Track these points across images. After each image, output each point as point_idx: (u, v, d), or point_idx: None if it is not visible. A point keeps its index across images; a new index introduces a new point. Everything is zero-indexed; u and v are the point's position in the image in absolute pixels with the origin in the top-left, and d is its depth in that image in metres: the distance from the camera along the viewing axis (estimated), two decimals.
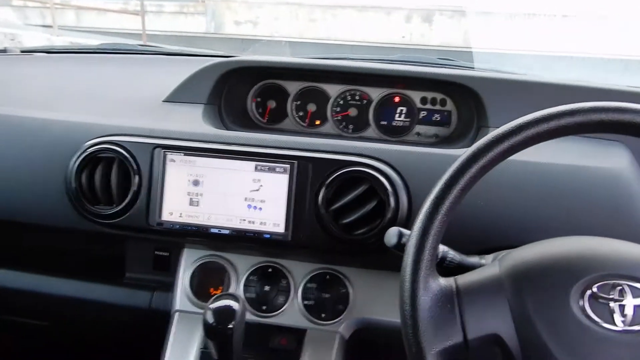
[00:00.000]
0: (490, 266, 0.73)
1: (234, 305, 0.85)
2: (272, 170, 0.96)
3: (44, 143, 1.06)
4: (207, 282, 1.05)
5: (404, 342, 0.66)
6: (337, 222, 0.95)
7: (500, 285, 0.68)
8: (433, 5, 8.12)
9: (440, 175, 0.94)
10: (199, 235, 0.98)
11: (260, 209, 0.97)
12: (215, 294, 1.01)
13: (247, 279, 1.03)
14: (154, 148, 1.00)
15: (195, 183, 0.98)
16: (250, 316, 1.00)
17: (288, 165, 0.96)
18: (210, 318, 0.84)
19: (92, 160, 1.02)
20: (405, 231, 0.81)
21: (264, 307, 1.02)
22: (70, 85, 1.25)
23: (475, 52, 1.43)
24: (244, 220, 0.97)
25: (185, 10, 9.27)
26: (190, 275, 1.05)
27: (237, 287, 1.04)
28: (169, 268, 1.10)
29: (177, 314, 1.05)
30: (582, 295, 0.64)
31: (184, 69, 1.41)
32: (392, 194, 0.93)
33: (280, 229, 0.96)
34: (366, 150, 0.97)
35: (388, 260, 0.95)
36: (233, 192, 0.97)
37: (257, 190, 0.97)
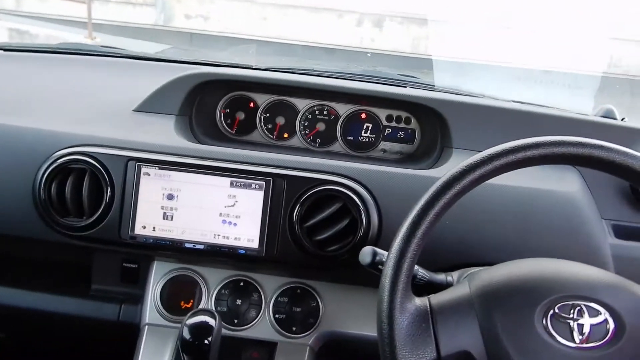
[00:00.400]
0: (461, 286, 0.78)
1: (211, 321, 0.87)
2: (247, 186, 0.98)
3: (10, 151, 1.04)
4: (177, 295, 1.05)
5: (381, 358, 0.71)
6: (311, 238, 0.98)
7: (471, 304, 0.73)
8: (384, 11, 8.26)
9: (409, 194, 0.99)
10: (172, 249, 0.99)
11: (235, 224, 0.98)
12: (186, 307, 1.02)
13: (219, 293, 1.05)
14: (128, 161, 0.99)
15: (170, 197, 0.99)
16: (222, 330, 1.02)
17: (264, 182, 0.98)
18: (187, 334, 0.85)
19: (62, 171, 1.01)
20: (380, 251, 0.85)
21: (236, 321, 1.03)
22: (34, 88, 1.22)
23: (435, 60, 1.50)
24: (219, 235, 0.98)
25: (134, 1, 9.01)
26: (160, 288, 1.05)
27: (209, 300, 1.05)
28: (138, 280, 1.10)
29: (146, 327, 1.05)
30: (545, 315, 0.70)
31: (150, 75, 1.41)
32: (364, 212, 0.97)
33: (255, 244, 0.98)
34: (340, 169, 1.00)
35: (358, 275, 0.99)
36: (208, 207, 0.98)
37: (232, 205, 0.98)
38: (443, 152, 1.16)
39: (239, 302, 1.04)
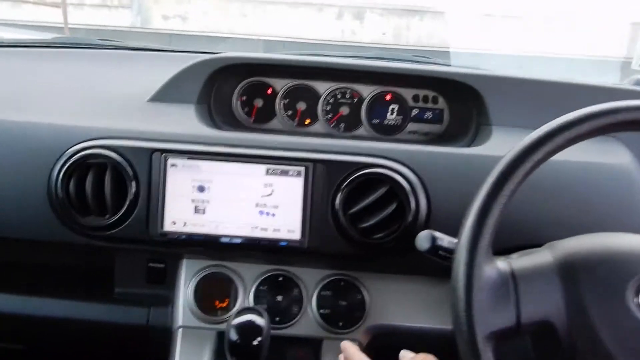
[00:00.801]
0: (540, 253, 0.72)
1: (259, 319, 0.80)
2: (285, 173, 0.91)
3: (21, 149, 0.95)
4: (212, 294, 0.98)
5: (454, 325, 0.65)
6: (355, 226, 0.91)
7: (554, 272, 0.68)
8: (364, 3, 8.22)
9: (457, 175, 0.94)
10: (207, 245, 0.92)
11: (274, 215, 0.91)
12: (221, 307, 0.95)
13: (257, 290, 0.98)
14: (153, 152, 0.92)
15: (201, 189, 0.91)
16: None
17: (302, 168, 0.91)
18: (234, 335, 0.79)
19: (80, 167, 0.93)
20: (439, 234, 0.79)
21: (277, 319, 0.96)
22: (36, 83, 1.13)
23: (453, 52, 1.45)
24: (256, 227, 0.91)
25: (109, 4, 8.83)
26: (193, 288, 0.98)
27: (246, 298, 0.98)
28: (165, 281, 1.03)
29: (180, 330, 0.97)
30: (638, 290, 0.65)
31: (155, 66, 1.33)
32: (412, 195, 0.91)
33: (296, 235, 0.91)
34: (383, 151, 0.94)
35: (406, 263, 0.93)
36: (243, 198, 0.91)
37: (269, 195, 0.91)
38: (479, 130, 1.10)
39: (279, 298, 0.97)
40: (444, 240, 0.79)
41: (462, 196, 0.93)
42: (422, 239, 0.78)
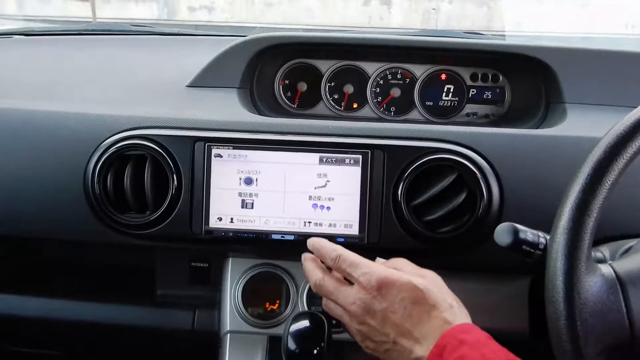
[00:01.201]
0: None
1: (319, 326, 0.71)
2: (340, 162, 0.82)
3: (55, 141, 0.88)
4: (261, 296, 0.90)
5: (555, 344, 0.57)
6: (420, 219, 0.82)
7: None
8: None
9: (532, 160, 0.83)
10: (256, 242, 0.83)
11: (329, 208, 0.83)
12: (272, 310, 0.87)
13: (311, 290, 0.89)
14: (195, 142, 0.84)
15: (248, 181, 0.83)
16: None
17: (360, 156, 0.82)
18: (292, 343, 0.70)
19: (117, 160, 0.85)
20: (521, 227, 0.69)
21: (334, 321, 0.87)
22: (71, 72, 1.07)
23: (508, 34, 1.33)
24: (310, 222, 0.83)
25: None
26: (241, 289, 0.90)
27: (299, 300, 0.90)
28: (210, 281, 0.95)
29: (228, 335, 0.90)
30: None
31: (192, 50, 1.25)
32: (484, 183, 0.81)
33: (354, 230, 0.82)
34: (449, 135, 0.84)
35: (471, 259, 0.84)
36: (295, 190, 0.83)
37: (324, 186, 0.83)
38: (550, 109, 0.99)
39: None
40: (528, 233, 0.70)
41: (538, 184, 0.83)
42: (503, 232, 0.69)
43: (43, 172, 0.88)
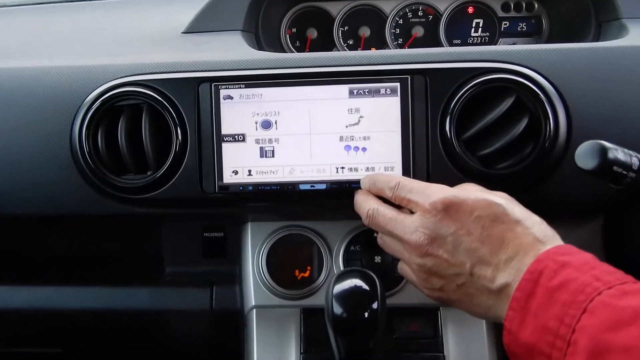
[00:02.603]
0: None
1: (370, 284, 0.58)
2: (375, 93, 0.69)
3: (34, 100, 0.75)
4: (289, 263, 0.77)
5: None
6: (473, 154, 0.69)
7: None
8: None
9: (601, 76, 0.70)
10: (282, 196, 0.70)
11: (364, 149, 0.69)
12: (303, 278, 0.74)
13: (347, 252, 0.76)
14: (200, 83, 0.70)
15: (266, 125, 0.70)
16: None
17: (398, 83, 0.69)
18: (338, 307, 0.57)
19: (108, 113, 0.72)
20: (609, 144, 0.56)
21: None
22: (55, 32, 0.93)
23: None
24: (343, 168, 0.70)
25: None
26: (265, 257, 0.77)
27: (334, 263, 0.76)
28: (227, 253, 0.81)
29: (254, 311, 0.76)
30: None
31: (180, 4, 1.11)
32: (549, 106, 0.67)
33: (397, 173, 0.69)
34: (501, 55, 0.71)
35: (534, 201, 0.71)
36: (322, 131, 0.70)
37: (357, 123, 0.69)
38: (603, 28, 0.86)
39: (377, 259, 0.75)
40: (619, 152, 0.57)
41: (609, 104, 0.70)
42: (588, 152, 0.56)
43: (22, 138, 0.75)
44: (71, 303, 0.81)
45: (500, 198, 0.56)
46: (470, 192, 0.57)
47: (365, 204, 0.63)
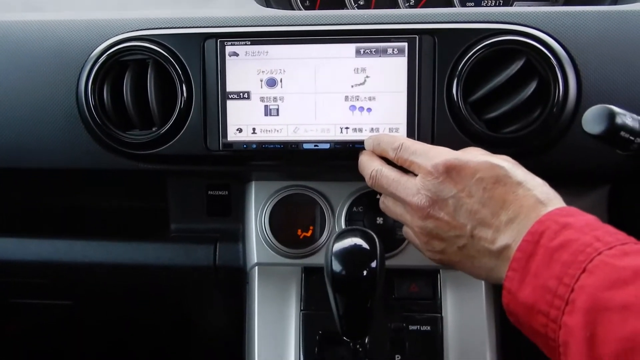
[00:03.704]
0: None
1: (370, 241, 0.58)
2: (382, 52, 0.68)
3: (41, 54, 0.75)
4: (292, 223, 0.77)
5: None
6: (480, 117, 0.68)
7: None
8: None
9: (614, 41, 0.69)
10: (285, 155, 0.70)
11: (370, 109, 0.69)
12: (305, 237, 0.74)
13: (349, 212, 0.76)
14: (206, 39, 0.70)
15: (271, 83, 0.69)
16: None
17: (405, 43, 0.68)
18: (337, 265, 0.57)
19: (114, 68, 0.72)
20: (618, 109, 0.55)
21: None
22: None
23: None
24: (347, 128, 0.69)
25: None
26: (268, 216, 0.77)
27: (336, 224, 0.77)
28: (231, 212, 0.82)
29: (256, 268, 0.77)
30: None
31: None
32: (559, 70, 0.66)
33: (402, 134, 0.69)
34: (511, 16, 0.69)
35: (540, 167, 0.70)
36: (327, 90, 0.69)
37: (363, 83, 0.69)
38: None
39: (379, 220, 0.75)
40: (627, 117, 0.56)
41: (621, 69, 0.69)
42: (596, 117, 0.55)
43: (29, 91, 0.75)
44: (79, 256, 0.82)
45: (503, 160, 0.55)
46: (473, 154, 0.56)
47: (369, 164, 0.63)
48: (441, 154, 0.56)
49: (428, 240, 0.57)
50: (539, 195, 0.52)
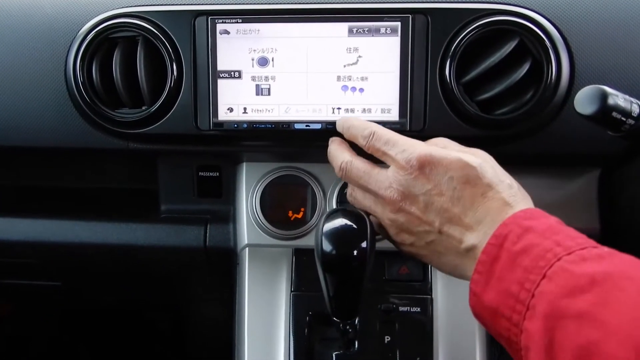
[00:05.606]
0: None
1: (360, 222, 0.58)
2: (375, 32, 0.67)
3: (27, 30, 0.74)
4: (283, 204, 0.77)
5: None
6: (472, 98, 0.68)
7: None
8: None
9: (610, 24, 0.68)
10: (276, 135, 0.69)
11: (362, 90, 0.68)
12: (296, 219, 0.74)
13: (341, 194, 0.76)
14: (197, 16, 0.69)
15: (262, 62, 0.69)
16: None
17: (399, 23, 0.67)
18: (328, 245, 0.57)
19: (103, 45, 0.71)
20: (610, 90, 0.55)
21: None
22: None
23: None
24: (339, 108, 0.69)
25: None
26: (259, 197, 0.77)
27: (327, 206, 0.76)
28: (221, 193, 0.82)
29: (247, 250, 0.77)
30: None
31: None
32: (552, 51, 0.66)
33: (394, 115, 0.68)
34: None
35: (532, 149, 0.70)
36: (319, 70, 0.68)
37: (355, 63, 0.68)
38: None
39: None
40: (619, 97, 0.55)
41: (614, 53, 0.68)
42: (588, 97, 0.55)
43: (18, 68, 0.74)
44: (68, 236, 0.81)
45: (476, 158, 0.54)
46: (446, 151, 0.55)
47: (338, 155, 0.61)
48: (414, 147, 0.55)
49: (398, 232, 0.57)
50: (507, 197, 0.52)
